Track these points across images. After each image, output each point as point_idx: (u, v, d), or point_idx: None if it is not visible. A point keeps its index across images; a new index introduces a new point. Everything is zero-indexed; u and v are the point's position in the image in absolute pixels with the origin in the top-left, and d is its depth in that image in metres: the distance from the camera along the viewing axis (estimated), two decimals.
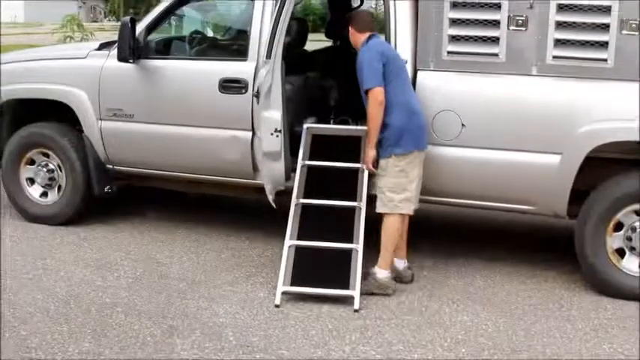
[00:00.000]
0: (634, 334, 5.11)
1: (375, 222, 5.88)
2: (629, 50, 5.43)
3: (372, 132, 5.59)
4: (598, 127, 5.53)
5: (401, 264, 5.86)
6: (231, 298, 5.56)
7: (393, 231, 5.66)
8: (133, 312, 5.30)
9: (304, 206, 5.89)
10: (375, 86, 5.50)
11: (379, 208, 5.71)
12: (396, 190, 5.61)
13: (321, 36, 8.77)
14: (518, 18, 5.61)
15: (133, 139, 6.80)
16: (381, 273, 5.67)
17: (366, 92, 5.54)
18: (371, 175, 5.93)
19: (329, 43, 8.42)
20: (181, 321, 5.17)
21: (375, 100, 5.51)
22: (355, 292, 5.39)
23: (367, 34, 5.76)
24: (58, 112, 7.06)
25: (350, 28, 5.84)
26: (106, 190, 7.04)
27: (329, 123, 6.73)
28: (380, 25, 6.40)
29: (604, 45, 5.48)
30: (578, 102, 5.60)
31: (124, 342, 4.86)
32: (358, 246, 5.59)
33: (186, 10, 7.53)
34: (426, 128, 5.71)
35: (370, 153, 5.65)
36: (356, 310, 5.33)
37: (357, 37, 5.80)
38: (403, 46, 5.90)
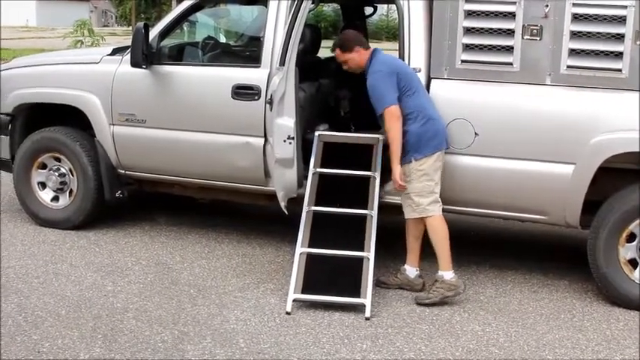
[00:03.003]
0: None
1: (386, 230, 5.88)
2: None
3: (396, 152, 5.58)
4: (611, 138, 5.51)
5: (412, 271, 5.84)
6: (242, 305, 5.56)
7: (439, 232, 5.65)
8: (143, 317, 5.30)
9: (315, 213, 5.89)
10: (391, 104, 5.52)
11: (408, 214, 5.73)
12: (423, 194, 5.62)
13: (332, 43, 8.76)
14: (532, 27, 5.60)
15: (145, 145, 6.81)
16: (448, 274, 5.66)
17: (381, 113, 5.57)
18: (382, 183, 5.94)
19: None
20: (192, 327, 5.17)
21: (393, 116, 5.52)
22: (366, 300, 5.38)
23: (366, 53, 5.78)
24: (71, 117, 7.08)
25: (357, 50, 5.81)
26: (117, 194, 7.05)
27: (348, 131, 6.69)
28: (393, 32, 6.40)
29: (619, 55, 5.47)
30: (592, 112, 5.58)
31: (135, 347, 4.86)
32: (369, 254, 5.58)
33: (199, 16, 7.55)
34: (445, 131, 5.71)
35: (397, 169, 5.61)
36: (367, 318, 5.32)
37: (363, 56, 5.80)
38: (417, 55, 5.92)
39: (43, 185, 7.26)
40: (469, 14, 5.77)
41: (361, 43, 5.88)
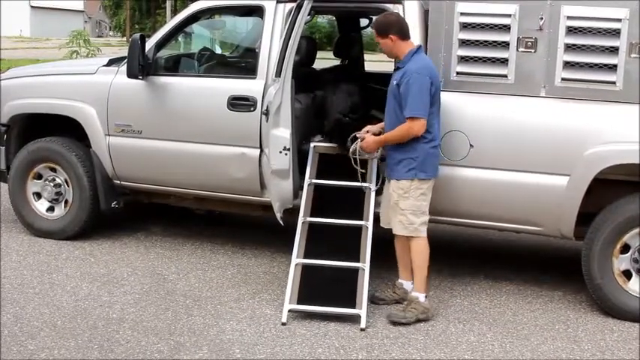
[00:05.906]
0: None
1: (381, 241, 5.89)
2: (637, 73, 5.45)
3: (390, 139, 5.59)
4: (605, 150, 5.54)
5: (409, 285, 5.82)
6: (237, 315, 5.56)
7: (423, 254, 5.63)
8: (139, 328, 5.30)
9: (311, 224, 5.90)
10: (420, 117, 5.41)
11: (398, 231, 5.68)
12: (417, 213, 5.59)
13: (326, 54, 8.80)
14: (527, 40, 5.64)
15: (141, 155, 6.82)
16: (422, 297, 5.64)
17: (407, 118, 5.44)
18: (378, 194, 5.95)
19: (336, 62, 8.44)
20: (188, 338, 5.17)
21: (412, 130, 5.43)
22: (362, 310, 5.38)
23: (413, 46, 5.59)
24: (67, 128, 7.08)
25: (391, 37, 5.55)
26: (112, 205, 7.06)
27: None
28: None
29: (613, 68, 5.50)
30: (586, 124, 5.62)
31: (131, 358, 4.86)
32: (365, 265, 5.60)
33: (195, 27, 7.57)
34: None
35: (379, 142, 5.70)
36: (362, 329, 5.32)
37: (399, 47, 5.57)
38: None
39: (38, 195, 7.26)
40: (464, 26, 5.80)
41: (400, 30, 5.57)
